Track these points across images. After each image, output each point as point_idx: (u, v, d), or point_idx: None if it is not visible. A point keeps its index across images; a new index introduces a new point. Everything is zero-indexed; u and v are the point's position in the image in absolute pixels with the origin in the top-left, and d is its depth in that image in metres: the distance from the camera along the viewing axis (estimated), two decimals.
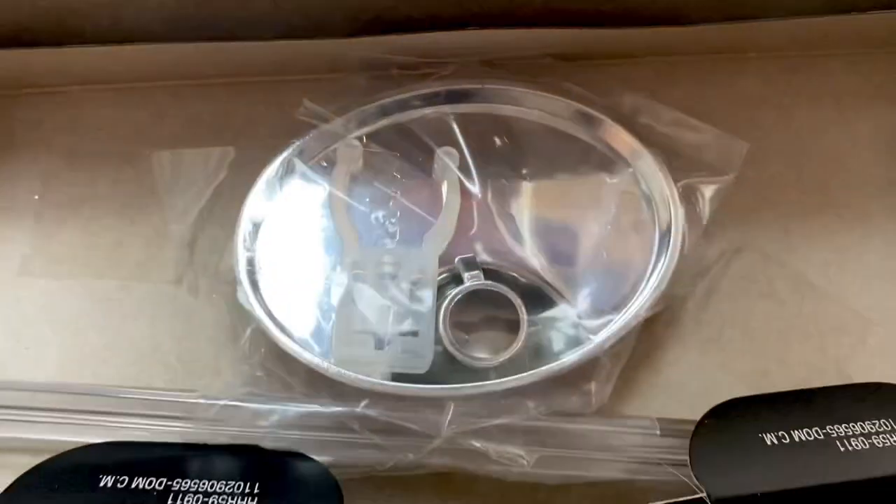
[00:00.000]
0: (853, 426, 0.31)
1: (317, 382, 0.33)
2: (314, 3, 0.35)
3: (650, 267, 0.35)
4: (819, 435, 0.31)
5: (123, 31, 0.35)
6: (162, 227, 0.36)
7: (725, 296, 0.37)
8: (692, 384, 0.36)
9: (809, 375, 0.36)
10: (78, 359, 0.35)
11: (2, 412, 0.33)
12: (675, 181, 0.36)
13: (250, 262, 0.34)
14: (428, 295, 0.34)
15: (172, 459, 0.32)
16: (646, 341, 0.36)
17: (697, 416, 0.33)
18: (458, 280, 0.35)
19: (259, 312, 0.33)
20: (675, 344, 0.37)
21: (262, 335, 0.34)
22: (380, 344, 0.33)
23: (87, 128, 0.38)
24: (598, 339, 0.34)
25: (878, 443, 0.31)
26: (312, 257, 0.35)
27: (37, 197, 0.38)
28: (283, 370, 0.34)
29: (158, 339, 0.36)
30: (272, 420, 0.33)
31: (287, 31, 0.36)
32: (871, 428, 0.31)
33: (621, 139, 0.37)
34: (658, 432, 0.33)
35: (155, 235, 0.37)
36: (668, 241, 0.35)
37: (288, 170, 0.36)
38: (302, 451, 0.32)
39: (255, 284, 0.34)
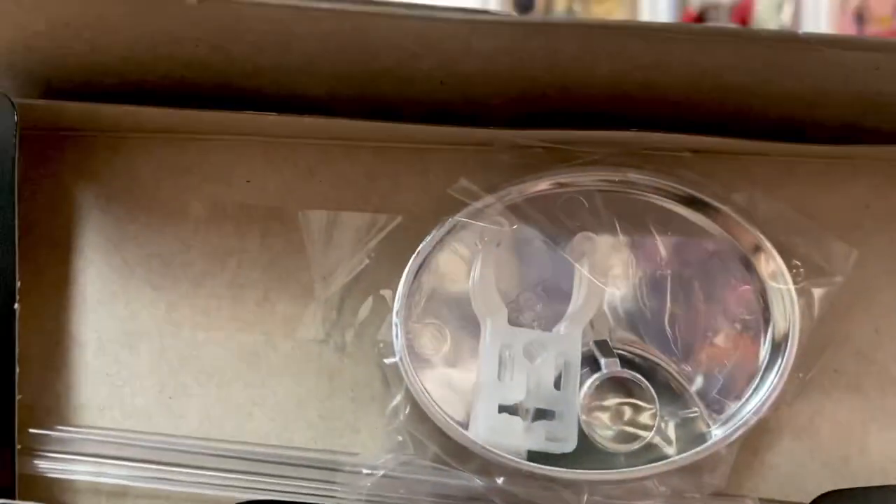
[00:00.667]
0: None
1: (458, 453, 0.35)
2: (478, 86, 0.35)
3: (764, 363, 0.38)
4: None
5: (284, 93, 0.35)
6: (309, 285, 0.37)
7: (817, 387, 0.41)
8: (784, 466, 0.40)
9: (886, 465, 0.40)
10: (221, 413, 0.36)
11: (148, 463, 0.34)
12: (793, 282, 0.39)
13: (406, 334, 0.36)
14: (571, 378, 0.36)
15: None
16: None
17: (788, 496, 0.37)
18: (591, 361, 0.38)
19: (413, 380, 0.35)
20: (771, 428, 0.40)
21: (409, 400, 0.35)
22: (526, 426, 0.35)
23: (236, 178, 0.38)
24: (721, 434, 0.36)
25: None
26: (460, 332, 0.37)
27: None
28: (426, 437, 0.36)
29: (301, 396, 0.37)
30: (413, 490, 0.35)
31: (442, 105, 0.37)
32: None
33: (749, 238, 0.39)
34: None
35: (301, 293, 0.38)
36: (787, 342, 0.38)
37: (442, 245, 0.37)
38: None
39: (411, 350, 0.36)
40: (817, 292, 0.39)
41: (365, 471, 0.34)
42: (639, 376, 0.37)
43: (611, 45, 0.32)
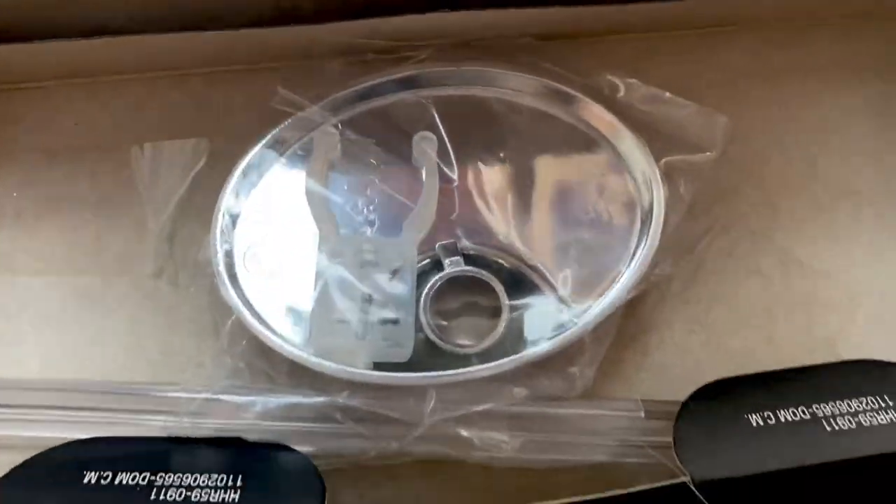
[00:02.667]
0: (839, 405, 0.31)
1: (298, 373, 0.33)
2: None
3: (633, 248, 0.35)
4: (805, 415, 0.31)
5: (91, 23, 0.35)
6: (142, 221, 0.36)
7: (711, 274, 0.37)
8: (678, 365, 0.36)
9: (797, 354, 0.36)
10: (60, 355, 0.35)
11: None
12: (657, 160, 0.36)
13: (228, 255, 0.34)
14: (408, 282, 0.34)
15: (155, 454, 0.32)
16: (631, 322, 0.36)
17: (683, 398, 0.33)
18: (439, 267, 0.35)
19: (238, 304, 0.33)
20: (660, 325, 0.37)
21: (242, 328, 0.34)
22: (360, 333, 0.33)
23: (64, 123, 0.38)
24: (580, 323, 0.33)
25: (865, 421, 0.31)
26: (291, 247, 0.35)
27: (15, 194, 0.37)
28: (264, 362, 0.34)
29: (140, 332, 0.36)
30: (254, 412, 0.33)
31: (257, 19, 0.35)
32: (858, 406, 0.31)
33: (602, 119, 0.36)
34: (642, 414, 0.33)
35: (134, 229, 0.37)
36: (651, 221, 0.35)
37: (264, 159, 0.35)
38: (285, 442, 0.32)
39: (233, 277, 0.34)
40: (687, 168, 0.36)
41: (186, 395, 0.32)
42: (483, 271, 0.34)
43: None
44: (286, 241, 0.35)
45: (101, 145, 0.37)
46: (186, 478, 0.30)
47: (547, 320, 0.34)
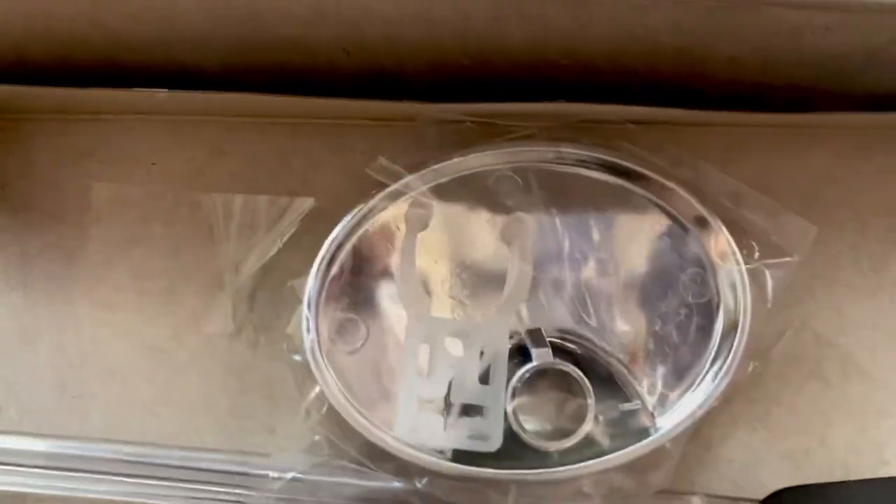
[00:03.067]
0: None
1: (379, 454, 0.33)
2: (387, 56, 0.33)
3: (714, 349, 0.35)
4: None
5: (177, 67, 0.33)
6: (218, 276, 0.35)
7: (775, 375, 0.38)
8: (738, 461, 0.37)
9: (847, 457, 0.37)
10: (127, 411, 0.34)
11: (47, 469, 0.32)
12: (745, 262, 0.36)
13: (317, 326, 0.33)
14: (498, 371, 0.33)
15: None
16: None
17: (741, 492, 0.34)
18: (522, 351, 0.35)
19: (326, 379, 0.32)
20: (724, 420, 0.37)
21: (323, 400, 0.33)
22: (447, 422, 0.33)
23: (140, 160, 0.36)
24: (663, 430, 0.34)
25: None
26: (381, 323, 0.34)
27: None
28: (343, 438, 0.33)
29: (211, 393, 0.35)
30: (334, 493, 0.32)
31: (355, 80, 0.34)
32: None
33: (696, 216, 0.36)
34: None
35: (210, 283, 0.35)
36: (737, 325, 0.35)
37: (358, 228, 0.34)
38: None
39: (321, 349, 0.33)
40: (772, 273, 0.36)
41: (273, 474, 0.31)
42: (572, 366, 0.34)
43: (523, 7, 0.28)
44: (377, 318, 0.34)
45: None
46: None
47: (627, 421, 0.34)
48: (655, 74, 0.33)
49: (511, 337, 0.35)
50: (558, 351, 0.35)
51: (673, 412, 0.34)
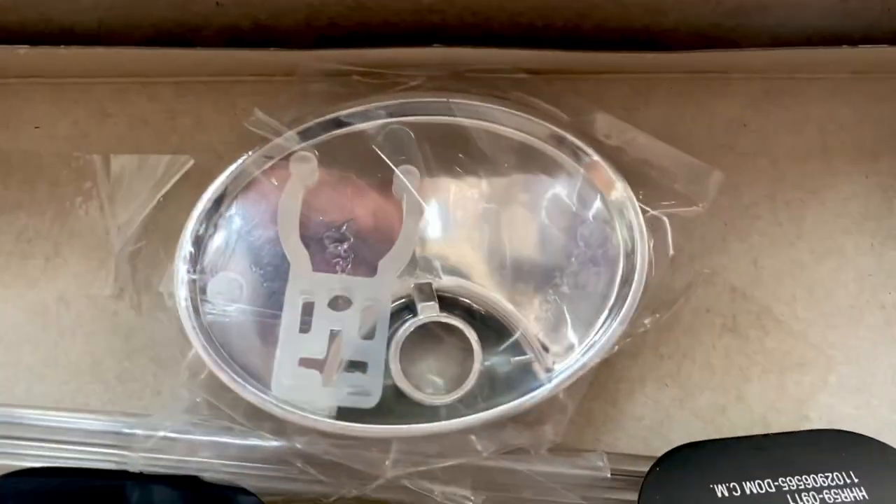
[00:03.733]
0: (805, 479, 0.31)
1: (258, 414, 0.32)
2: (261, 7, 0.32)
3: (612, 301, 0.34)
4: (770, 487, 0.31)
5: (54, 27, 0.32)
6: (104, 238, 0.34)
7: (687, 329, 0.36)
8: (648, 418, 0.36)
9: (767, 414, 0.36)
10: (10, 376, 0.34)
11: None
12: (644, 210, 0.35)
13: (192, 284, 0.33)
14: (380, 327, 0.32)
15: (107, 489, 0.31)
16: (603, 372, 0.35)
17: (651, 452, 0.33)
18: (412, 308, 0.34)
19: (198, 341, 0.32)
20: (632, 376, 0.36)
21: (202, 362, 0.32)
22: (326, 378, 0.32)
23: (23, 125, 0.36)
24: (556, 380, 0.32)
25: (829, 498, 0.31)
26: (261, 280, 0.33)
27: None
28: (222, 400, 0.32)
29: (97, 356, 0.34)
30: (211, 452, 0.32)
31: (232, 35, 0.33)
32: (823, 481, 0.31)
33: (592, 164, 0.35)
34: (608, 474, 0.33)
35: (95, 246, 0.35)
36: (634, 274, 0.34)
37: (238, 184, 0.34)
38: (241, 484, 0.31)
39: (196, 309, 0.32)
40: (671, 221, 0.35)
41: (142, 432, 0.31)
42: (458, 319, 0.33)
43: None
44: (257, 274, 0.33)
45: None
46: None
47: (519, 370, 0.33)
48: (547, 24, 0.32)
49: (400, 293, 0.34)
50: (455, 306, 0.34)
51: (567, 364, 0.33)
